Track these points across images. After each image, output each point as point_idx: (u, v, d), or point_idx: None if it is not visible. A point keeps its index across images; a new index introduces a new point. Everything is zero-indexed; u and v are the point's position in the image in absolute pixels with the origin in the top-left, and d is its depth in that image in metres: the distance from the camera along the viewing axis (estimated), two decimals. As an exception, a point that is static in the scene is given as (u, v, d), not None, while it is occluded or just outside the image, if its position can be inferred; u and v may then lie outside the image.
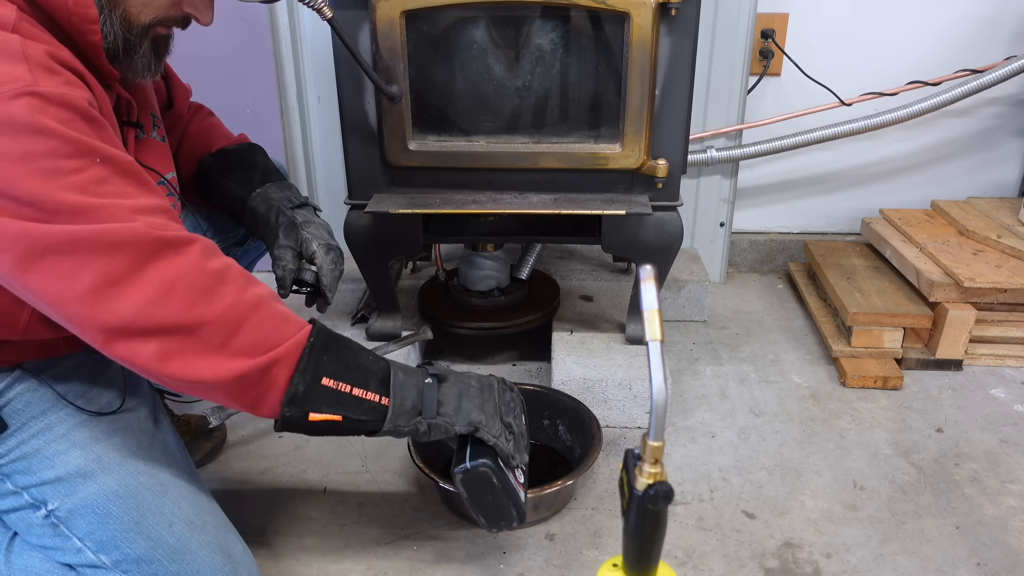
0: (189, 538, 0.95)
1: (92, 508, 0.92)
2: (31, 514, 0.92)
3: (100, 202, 0.77)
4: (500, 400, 1.02)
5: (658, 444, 0.88)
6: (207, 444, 1.42)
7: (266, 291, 0.88)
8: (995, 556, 1.19)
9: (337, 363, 0.90)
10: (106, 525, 0.92)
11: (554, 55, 1.34)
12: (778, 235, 2.19)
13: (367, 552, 1.19)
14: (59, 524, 0.92)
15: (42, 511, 0.92)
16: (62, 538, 0.92)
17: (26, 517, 0.93)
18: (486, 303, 1.65)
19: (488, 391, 1.02)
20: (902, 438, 1.47)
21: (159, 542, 0.93)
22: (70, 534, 0.92)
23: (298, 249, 1.19)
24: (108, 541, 0.92)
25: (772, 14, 1.92)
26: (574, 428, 1.38)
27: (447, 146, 1.39)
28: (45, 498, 0.92)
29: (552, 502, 1.26)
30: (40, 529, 0.93)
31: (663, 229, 1.43)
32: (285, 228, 1.19)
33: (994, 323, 1.70)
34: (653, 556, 0.95)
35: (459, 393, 0.98)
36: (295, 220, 1.20)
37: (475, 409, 0.98)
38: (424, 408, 0.95)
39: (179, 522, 0.95)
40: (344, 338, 0.94)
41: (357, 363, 0.93)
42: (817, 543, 1.22)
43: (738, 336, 1.84)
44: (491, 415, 0.98)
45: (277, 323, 0.86)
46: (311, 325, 0.91)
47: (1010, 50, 1.92)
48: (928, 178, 2.10)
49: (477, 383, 1.02)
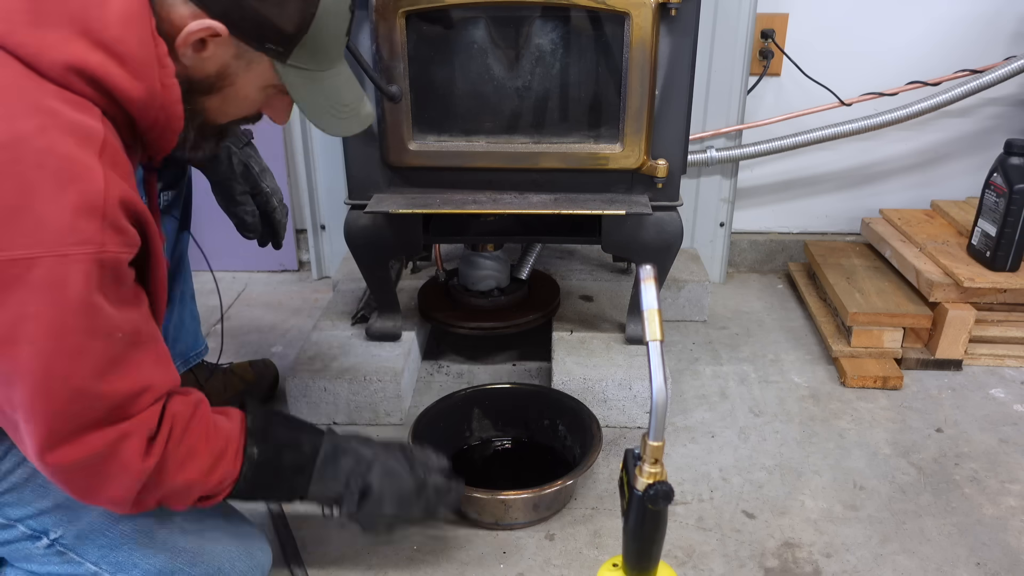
0: (203, 538, 0.95)
1: (100, 531, 0.91)
2: (30, 545, 0.90)
3: (103, 389, 0.77)
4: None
5: (658, 444, 0.88)
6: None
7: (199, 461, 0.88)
8: (995, 556, 1.19)
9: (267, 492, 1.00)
10: (119, 546, 0.91)
11: (554, 55, 1.34)
12: (778, 235, 2.19)
13: (366, 551, 1.19)
14: (66, 551, 0.90)
15: (43, 541, 0.89)
16: (73, 564, 0.90)
17: (23, 548, 0.90)
18: (486, 303, 1.65)
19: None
20: (902, 438, 1.47)
21: (177, 550, 0.93)
22: (81, 560, 0.90)
23: (252, 192, 1.27)
24: (125, 561, 0.91)
25: (772, 14, 1.92)
26: (574, 428, 1.38)
27: (447, 146, 1.39)
28: (46, 528, 0.89)
29: (552, 502, 1.26)
30: (44, 558, 0.90)
31: (663, 229, 1.43)
32: (242, 172, 1.25)
33: (994, 323, 1.70)
34: (653, 556, 0.95)
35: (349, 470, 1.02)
36: (250, 166, 1.25)
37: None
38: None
39: (190, 524, 0.95)
40: (270, 461, 0.95)
41: (279, 484, 0.99)
42: (817, 543, 1.22)
43: (738, 336, 1.85)
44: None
45: (205, 488, 0.89)
46: (237, 475, 0.92)
47: (1010, 50, 1.92)
48: (928, 178, 2.10)
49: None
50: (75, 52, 0.74)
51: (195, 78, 0.85)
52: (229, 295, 2.06)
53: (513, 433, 1.45)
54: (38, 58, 0.73)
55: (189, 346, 1.45)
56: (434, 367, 1.69)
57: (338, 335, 1.61)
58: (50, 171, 0.71)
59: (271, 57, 0.86)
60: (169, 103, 0.82)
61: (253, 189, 1.28)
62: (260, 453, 0.93)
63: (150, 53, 0.78)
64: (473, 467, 1.39)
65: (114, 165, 0.76)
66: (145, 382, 0.81)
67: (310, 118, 0.95)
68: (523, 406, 1.44)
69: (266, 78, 0.89)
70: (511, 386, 1.50)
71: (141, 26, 0.77)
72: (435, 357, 1.72)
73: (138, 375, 0.80)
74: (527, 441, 1.44)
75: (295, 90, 0.90)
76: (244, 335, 1.86)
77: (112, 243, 0.74)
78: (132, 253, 0.77)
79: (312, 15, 0.84)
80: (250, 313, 1.98)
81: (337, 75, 0.94)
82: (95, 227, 0.72)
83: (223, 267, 2.15)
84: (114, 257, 0.74)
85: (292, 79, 0.89)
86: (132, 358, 0.79)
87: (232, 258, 2.15)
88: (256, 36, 0.83)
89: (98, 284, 0.73)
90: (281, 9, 0.82)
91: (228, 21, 0.81)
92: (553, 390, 1.46)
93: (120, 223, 0.75)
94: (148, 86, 0.79)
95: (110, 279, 0.75)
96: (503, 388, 1.48)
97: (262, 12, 0.82)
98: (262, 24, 0.82)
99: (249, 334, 1.87)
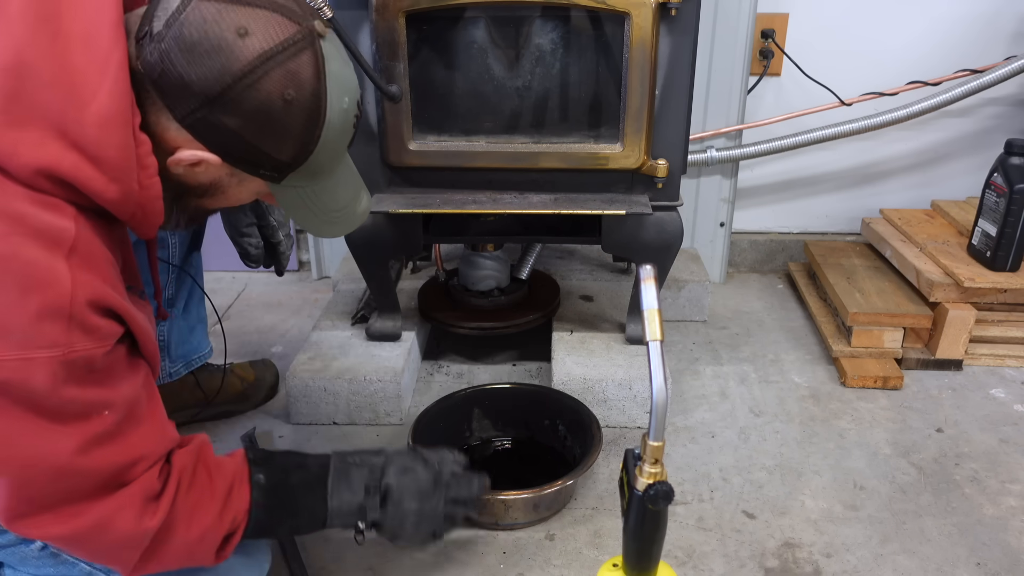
0: None
1: None
2: (24, 548, 0.88)
3: (91, 466, 0.77)
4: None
5: (658, 444, 0.88)
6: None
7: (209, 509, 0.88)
8: (995, 556, 1.19)
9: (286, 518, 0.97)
10: None
11: (554, 55, 1.34)
12: (778, 235, 2.19)
13: (367, 553, 1.19)
14: (60, 552, 0.89)
15: (37, 543, 0.88)
16: (67, 566, 0.89)
17: (19, 551, 0.89)
18: (486, 303, 1.65)
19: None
20: (902, 438, 1.47)
21: None
22: (75, 560, 0.89)
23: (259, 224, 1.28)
24: None
25: (772, 14, 1.91)
26: (574, 428, 1.38)
27: (447, 146, 1.39)
28: None
29: (552, 502, 1.26)
30: (39, 560, 0.89)
31: (663, 229, 1.43)
32: (251, 205, 1.25)
33: (994, 323, 1.70)
34: (653, 556, 0.95)
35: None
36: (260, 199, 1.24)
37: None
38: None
39: None
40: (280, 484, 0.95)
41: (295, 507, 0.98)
42: (817, 543, 1.22)
43: (738, 336, 1.84)
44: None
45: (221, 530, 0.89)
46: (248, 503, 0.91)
47: (1010, 50, 1.92)
48: (928, 178, 2.10)
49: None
50: (48, 155, 0.71)
51: (187, 185, 0.84)
52: (229, 295, 2.06)
53: (513, 433, 1.45)
54: (9, 160, 0.71)
55: (193, 349, 1.45)
56: (434, 367, 1.69)
57: (338, 335, 1.61)
58: (13, 277, 0.70)
59: (265, 180, 0.85)
60: (148, 201, 0.79)
61: (260, 220, 1.27)
62: (267, 478, 0.93)
63: (129, 155, 0.75)
64: (473, 467, 1.39)
65: (87, 263, 0.74)
66: (139, 452, 0.81)
67: (298, 224, 0.94)
68: (523, 406, 1.44)
69: (259, 189, 0.87)
70: (511, 386, 1.50)
71: (123, 127, 0.74)
72: (435, 357, 1.72)
73: (130, 446, 0.80)
74: (527, 441, 1.44)
75: (287, 205, 0.89)
76: (244, 335, 1.86)
77: (80, 343, 0.73)
78: (107, 346, 0.76)
79: (311, 150, 0.82)
80: (250, 313, 1.98)
81: (334, 183, 0.91)
82: (59, 329, 0.71)
83: (223, 267, 2.15)
84: (83, 355, 0.73)
85: (284, 194, 0.87)
86: (124, 430, 0.79)
87: (232, 258, 2.14)
88: (251, 166, 0.82)
89: (65, 379, 0.72)
90: (279, 146, 0.80)
91: (223, 153, 0.80)
92: (553, 390, 1.46)
93: (89, 322, 0.73)
94: (124, 188, 0.76)
95: (83, 372, 0.74)
96: (503, 388, 1.48)
97: (259, 148, 0.79)
98: (258, 157, 0.81)
99: (249, 334, 1.87)
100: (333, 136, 0.83)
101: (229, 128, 0.77)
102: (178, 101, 0.76)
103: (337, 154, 0.88)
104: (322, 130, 0.81)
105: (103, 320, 0.75)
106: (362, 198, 0.98)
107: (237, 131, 0.78)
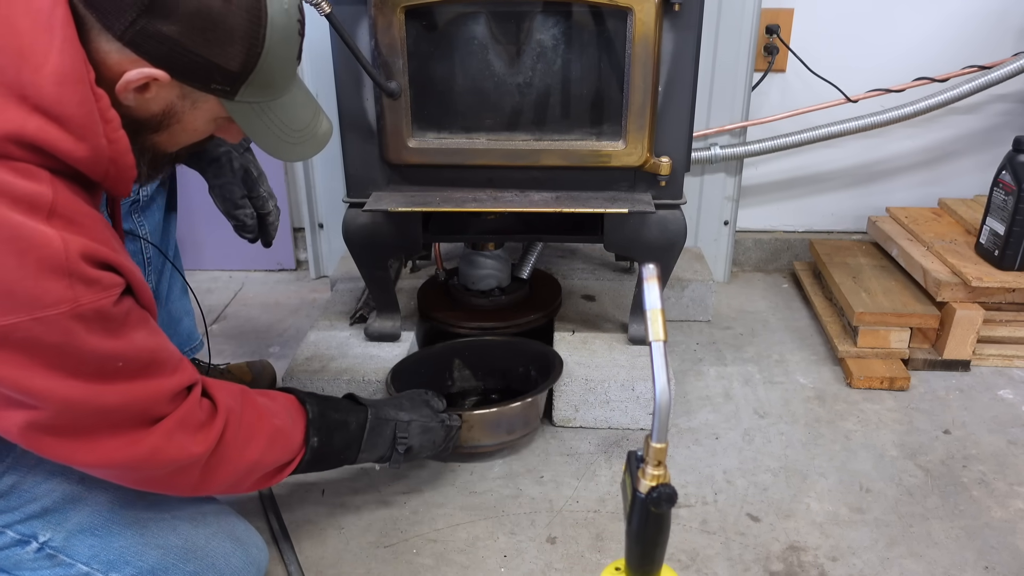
0: (196, 534, 0.96)
1: (90, 531, 0.91)
2: (20, 550, 0.89)
3: (120, 401, 0.82)
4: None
5: (661, 446, 0.86)
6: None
7: (261, 437, 0.98)
8: (1003, 559, 1.17)
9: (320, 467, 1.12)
10: (110, 544, 0.91)
11: (556, 51, 1.33)
12: (783, 234, 2.17)
13: (366, 555, 1.18)
14: (56, 554, 0.89)
15: (32, 545, 0.89)
16: (63, 567, 0.90)
17: (14, 555, 0.89)
18: (487, 303, 1.64)
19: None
20: (909, 440, 1.45)
21: (169, 547, 0.93)
22: (72, 561, 0.90)
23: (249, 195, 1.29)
24: (117, 559, 0.91)
25: (777, 9, 1.90)
26: (542, 371, 1.45)
27: (447, 143, 1.37)
28: (34, 532, 0.89)
29: (512, 423, 1.34)
30: (34, 563, 0.90)
31: (666, 228, 1.41)
32: (243, 177, 1.26)
33: (1002, 323, 1.68)
34: (656, 559, 0.94)
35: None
36: (249, 170, 1.27)
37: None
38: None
39: (181, 522, 0.96)
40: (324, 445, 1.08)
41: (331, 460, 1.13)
42: (822, 546, 1.20)
43: (742, 336, 1.83)
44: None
45: (271, 469, 1.01)
46: (303, 451, 1.05)
47: (1018, 46, 1.90)
48: (935, 176, 2.09)
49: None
50: (12, 120, 0.71)
51: (140, 118, 0.83)
52: (226, 294, 2.05)
53: (492, 383, 1.53)
54: None
55: (183, 341, 1.45)
56: (434, 367, 1.68)
57: (336, 335, 1.60)
58: (5, 243, 0.71)
59: (218, 96, 0.84)
60: (118, 155, 0.80)
61: (251, 192, 1.28)
62: (320, 442, 1.06)
63: (91, 111, 0.75)
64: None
65: (70, 223, 0.75)
66: (163, 388, 0.85)
67: (262, 148, 0.94)
68: (499, 356, 1.53)
69: (214, 112, 0.87)
70: (487, 339, 1.57)
71: (79, 83, 0.74)
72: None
73: (153, 384, 0.84)
74: (504, 389, 1.51)
75: (245, 123, 0.88)
76: (241, 335, 1.85)
77: (84, 296, 0.74)
78: (112, 295, 0.78)
79: (259, 53, 0.81)
80: (247, 313, 1.96)
81: (290, 100, 0.91)
82: (63, 286, 0.73)
83: (220, 266, 2.14)
84: (92, 307, 0.75)
85: (241, 113, 0.87)
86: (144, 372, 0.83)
87: (229, 257, 2.15)
88: (200, 78, 0.81)
89: (86, 332, 0.75)
90: (225, 51, 0.79)
91: (169, 67, 0.78)
92: (522, 340, 1.53)
93: (88, 275, 0.75)
94: (92, 144, 0.76)
95: (97, 324, 0.76)
96: (480, 340, 1.56)
97: (205, 56, 0.79)
98: (206, 67, 0.80)
99: (246, 334, 1.86)
100: (278, 39, 0.83)
101: (170, 36, 0.77)
102: (114, 16, 0.75)
103: (287, 63, 0.87)
104: (266, 30, 0.81)
105: (101, 272, 0.77)
106: (321, 120, 0.99)
107: (178, 38, 0.77)
